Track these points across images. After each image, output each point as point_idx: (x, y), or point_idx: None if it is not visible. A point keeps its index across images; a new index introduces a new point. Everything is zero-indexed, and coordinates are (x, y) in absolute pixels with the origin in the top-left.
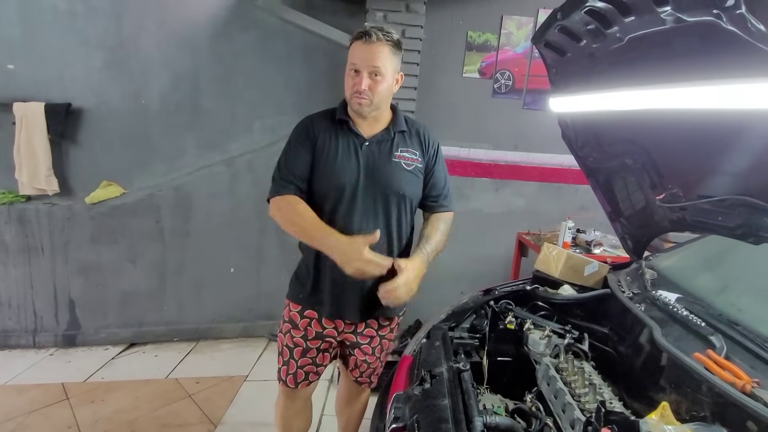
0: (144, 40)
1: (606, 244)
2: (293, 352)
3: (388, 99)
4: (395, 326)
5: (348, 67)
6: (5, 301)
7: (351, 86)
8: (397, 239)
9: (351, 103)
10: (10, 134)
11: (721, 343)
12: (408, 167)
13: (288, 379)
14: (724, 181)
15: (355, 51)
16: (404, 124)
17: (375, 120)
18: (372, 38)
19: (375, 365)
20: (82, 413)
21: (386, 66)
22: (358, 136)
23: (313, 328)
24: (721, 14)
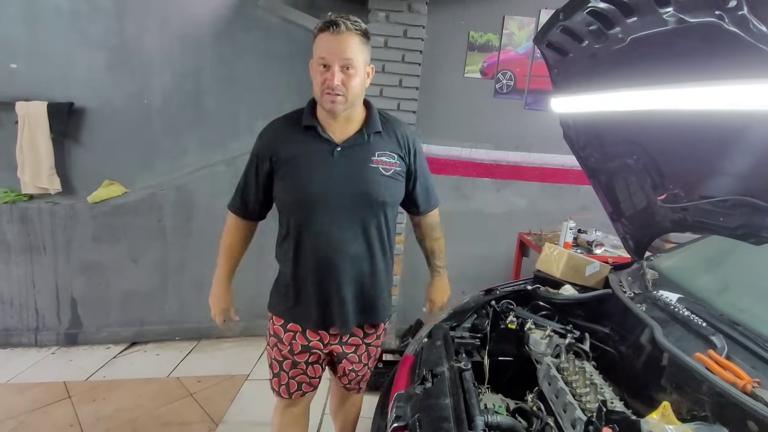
0: (146, 39)
1: (607, 244)
2: (282, 364)
3: (362, 95)
4: (381, 333)
5: (315, 62)
6: (7, 300)
7: (321, 82)
8: (380, 248)
9: (322, 102)
10: (13, 133)
11: (722, 343)
12: (387, 172)
13: (281, 390)
14: (726, 181)
15: (322, 43)
16: (380, 125)
17: (347, 121)
18: (341, 28)
19: (363, 372)
20: (83, 412)
21: (358, 58)
22: (329, 142)
23: (298, 341)
24: (723, 15)
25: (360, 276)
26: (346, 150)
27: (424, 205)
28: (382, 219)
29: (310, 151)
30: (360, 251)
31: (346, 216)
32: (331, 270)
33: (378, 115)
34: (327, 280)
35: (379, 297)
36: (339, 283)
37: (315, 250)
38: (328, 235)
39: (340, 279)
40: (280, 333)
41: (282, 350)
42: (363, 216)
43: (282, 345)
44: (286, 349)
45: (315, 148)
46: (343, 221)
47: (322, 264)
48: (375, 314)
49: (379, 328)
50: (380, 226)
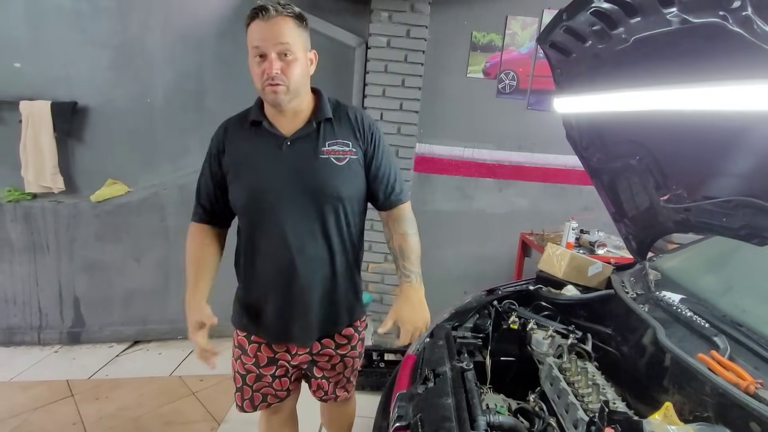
0: (149, 39)
1: (610, 244)
2: (246, 378)
3: (307, 83)
4: (358, 342)
5: (251, 54)
6: (11, 298)
7: (260, 74)
8: (341, 248)
9: (264, 95)
10: (17, 132)
11: (725, 344)
12: (340, 162)
13: (245, 404)
14: (729, 182)
15: (254, 32)
16: (329, 111)
17: (295, 113)
18: (270, 12)
19: (336, 379)
20: (86, 410)
21: (295, 43)
22: (277, 136)
23: (264, 353)
24: (727, 15)
25: (320, 279)
26: (294, 143)
27: (384, 198)
28: (341, 215)
29: (256, 146)
30: (319, 252)
31: (301, 214)
32: (289, 274)
33: (328, 103)
34: (284, 286)
35: (343, 302)
36: (298, 288)
37: (270, 253)
38: (282, 236)
39: (298, 283)
40: (245, 344)
41: (246, 363)
42: (319, 213)
43: (246, 357)
44: (251, 362)
45: (263, 143)
46: (298, 220)
47: (279, 268)
48: (339, 321)
49: (354, 338)
50: (340, 223)
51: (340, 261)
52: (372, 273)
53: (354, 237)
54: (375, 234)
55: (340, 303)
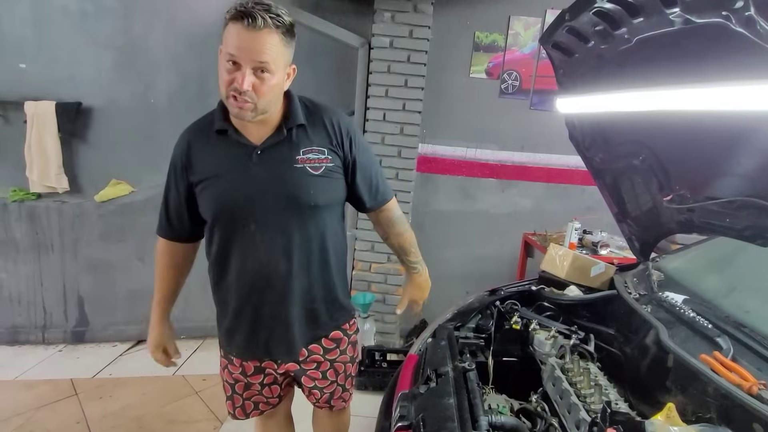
0: (153, 39)
1: (613, 245)
2: (234, 387)
3: (278, 99)
4: (347, 346)
5: (223, 56)
6: (15, 298)
7: (227, 82)
8: (320, 257)
9: (228, 105)
10: (22, 133)
11: (728, 345)
12: (316, 171)
13: (236, 411)
14: (732, 182)
15: (233, 36)
16: (301, 117)
17: (263, 120)
18: (257, 23)
19: (331, 389)
20: (90, 409)
21: (277, 61)
22: (246, 146)
23: (250, 363)
24: (730, 16)
25: (298, 292)
26: (265, 152)
27: (370, 200)
28: (320, 224)
29: (225, 158)
30: (293, 267)
31: (275, 227)
32: (262, 291)
33: (300, 107)
34: (259, 303)
35: (324, 310)
36: (275, 305)
37: (241, 268)
38: (254, 251)
39: (274, 299)
40: (231, 355)
41: (233, 372)
42: (296, 225)
43: (233, 367)
44: (238, 371)
45: (231, 154)
46: (272, 235)
47: (252, 285)
48: (322, 328)
49: (342, 342)
50: (318, 234)
51: (318, 270)
52: (375, 273)
53: (334, 243)
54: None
55: (321, 312)
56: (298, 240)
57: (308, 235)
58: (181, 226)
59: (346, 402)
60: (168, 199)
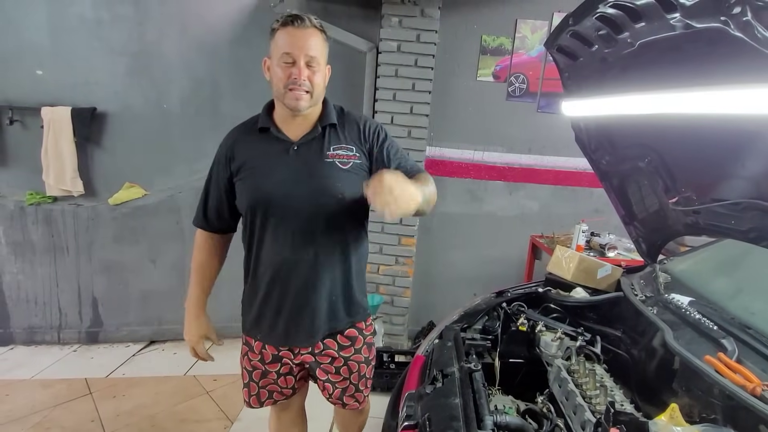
0: (166, 46)
1: (620, 247)
2: (252, 374)
3: (323, 93)
4: (363, 347)
5: (278, 59)
6: (32, 299)
7: (285, 78)
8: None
9: (286, 99)
10: (39, 137)
11: (733, 347)
12: (344, 166)
13: (251, 400)
14: (737, 184)
15: (285, 38)
16: (334, 117)
17: (304, 118)
18: (305, 23)
19: (343, 385)
20: (104, 408)
21: (322, 55)
22: (285, 142)
23: (269, 351)
24: (728, 21)
25: (319, 283)
26: (301, 147)
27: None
28: (344, 218)
29: (265, 152)
30: (318, 255)
31: (306, 216)
32: (287, 276)
33: (333, 109)
34: (284, 286)
35: (342, 304)
36: (298, 288)
37: (272, 256)
38: (284, 238)
39: (297, 283)
40: (251, 342)
41: (252, 359)
42: (322, 215)
43: (252, 354)
44: (257, 359)
45: (270, 148)
46: (300, 223)
47: (278, 270)
48: (339, 320)
49: (357, 341)
50: (342, 226)
51: (342, 261)
52: (383, 275)
53: (357, 238)
54: (386, 237)
55: (339, 302)
56: (324, 231)
57: (334, 226)
58: (218, 217)
59: (359, 403)
60: (208, 191)
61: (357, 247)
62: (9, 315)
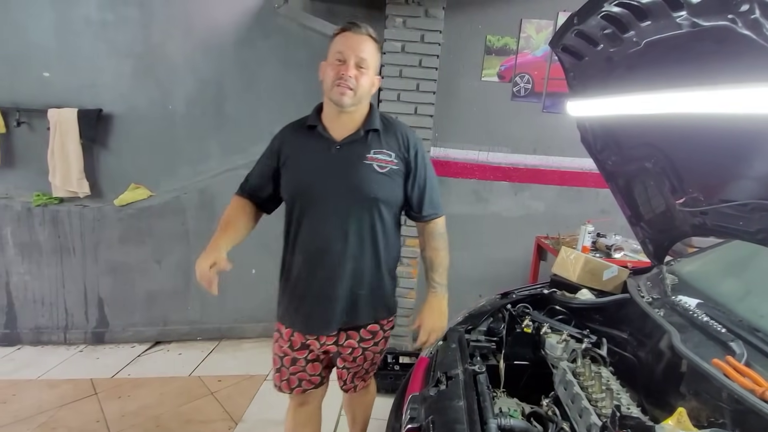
0: (171, 47)
1: (627, 248)
2: (283, 360)
3: (368, 97)
4: (381, 340)
5: (331, 58)
6: (39, 299)
7: (334, 75)
8: (372, 246)
9: (332, 93)
10: (45, 139)
11: (742, 350)
12: (381, 170)
13: (282, 384)
14: (745, 185)
15: (341, 41)
16: (378, 123)
17: (349, 120)
18: (361, 30)
19: (355, 370)
20: (109, 408)
21: (372, 60)
22: (329, 140)
23: (297, 338)
24: (735, 19)
25: (345, 275)
26: (343, 148)
27: (420, 209)
28: (376, 217)
29: (309, 147)
30: (347, 249)
31: (339, 211)
32: (317, 266)
33: (378, 116)
34: (312, 277)
35: (367, 299)
36: (323, 281)
37: (306, 245)
38: (319, 229)
39: (324, 276)
40: (281, 329)
41: (282, 346)
42: (356, 212)
43: (283, 341)
44: (287, 345)
45: (315, 145)
46: (336, 217)
47: (310, 259)
48: (361, 316)
49: (377, 335)
50: (374, 225)
51: (369, 259)
52: None
53: (386, 239)
54: None
55: (364, 300)
56: (356, 226)
57: (365, 224)
58: (256, 193)
59: (365, 381)
60: (255, 170)
61: (388, 246)
62: (16, 315)
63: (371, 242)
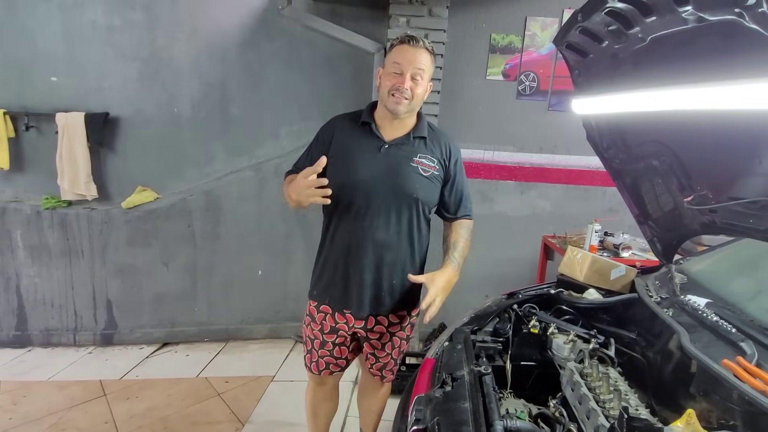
0: (176, 50)
1: (635, 247)
2: (314, 343)
3: (420, 104)
4: (407, 325)
5: (389, 68)
6: (48, 301)
7: (391, 84)
8: (408, 241)
9: (387, 102)
10: (53, 143)
11: (753, 350)
12: (425, 173)
13: (312, 366)
14: (755, 182)
15: (399, 52)
16: (426, 131)
17: (400, 124)
18: (419, 43)
19: (385, 360)
20: (118, 409)
21: (427, 71)
22: (379, 139)
23: (328, 322)
24: (743, 13)
25: (382, 263)
26: (391, 148)
27: (454, 211)
28: (413, 214)
29: (360, 143)
30: (387, 240)
31: (381, 206)
32: (357, 252)
33: (426, 125)
34: (351, 262)
35: (399, 288)
36: (361, 266)
37: (348, 232)
38: (361, 220)
39: (362, 262)
40: (314, 313)
41: (314, 329)
42: (396, 208)
43: (314, 324)
44: (317, 328)
45: (365, 141)
46: (378, 210)
47: (351, 246)
48: (393, 303)
49: (405, 319)
50: (411, 221)
51: (405, 251)
52: None
53: (421, 236)
54: None
55: (397, 287)
56: (395, 221)
57: (404, 220)
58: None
59: (393, 374)
60: (301, 158)
61: (421, 241)
62: (27, 317)
63: (408, 236)
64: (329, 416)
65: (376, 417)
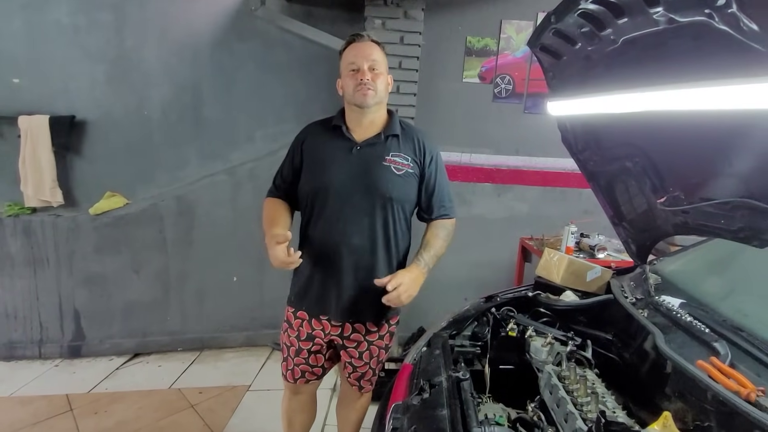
0: (145, 51)
1: (610, 248)
2: (290, 350)
3: (386, 98)
4: (386, 334)
5: (345, 70)
6: (11, 313)
7: (353, 84)
8: (384, 244)
9: (356, 98)
10: (16, 147)
11: (726, 350)
12: (398, 172)
13: (287, 374)
14: (727, 183)
15: (350, 51)
16: (398, 129)
17: (371, 124)
18: (364, 38)
19: (363, 369)
20: (85, 425)
21: (381, 62)
22: (350, 141)
23: (304, 329)
24: (713, 14)
25: (358, 268)
26: (363, 149)
27: (429, 210)
28: (389, 216)
29: (332, 146)
30: (362, 244)
31: (356, 208)
32: (333, 257)
33: (398, 122)
34: (328, 267)
35: (376, 294)
36: (337, 271)
37: (323, 236)
38: (335, 224)
39: (338, 267)
40: (291, 319)
41: (291, 335)
42: (371, 210)
43: (291, 331)
44: (294, 335)
45: (337, 144)
46: (352, 213)
47: (327, 250)
48: (371, 310)
49: (382, 328)
50: (387, 223)
51: (381, 254)
52: None
53: (398, 238)
54: None
55: (372, 294)
56: (370, 224)
57: (379, 223)
58: (286, 190)
59: (372, 384)
60: (283, 167)
61: (398, 243)
62: None
63: (384, 238)
64: (306, 426)
65: (355, 428)
